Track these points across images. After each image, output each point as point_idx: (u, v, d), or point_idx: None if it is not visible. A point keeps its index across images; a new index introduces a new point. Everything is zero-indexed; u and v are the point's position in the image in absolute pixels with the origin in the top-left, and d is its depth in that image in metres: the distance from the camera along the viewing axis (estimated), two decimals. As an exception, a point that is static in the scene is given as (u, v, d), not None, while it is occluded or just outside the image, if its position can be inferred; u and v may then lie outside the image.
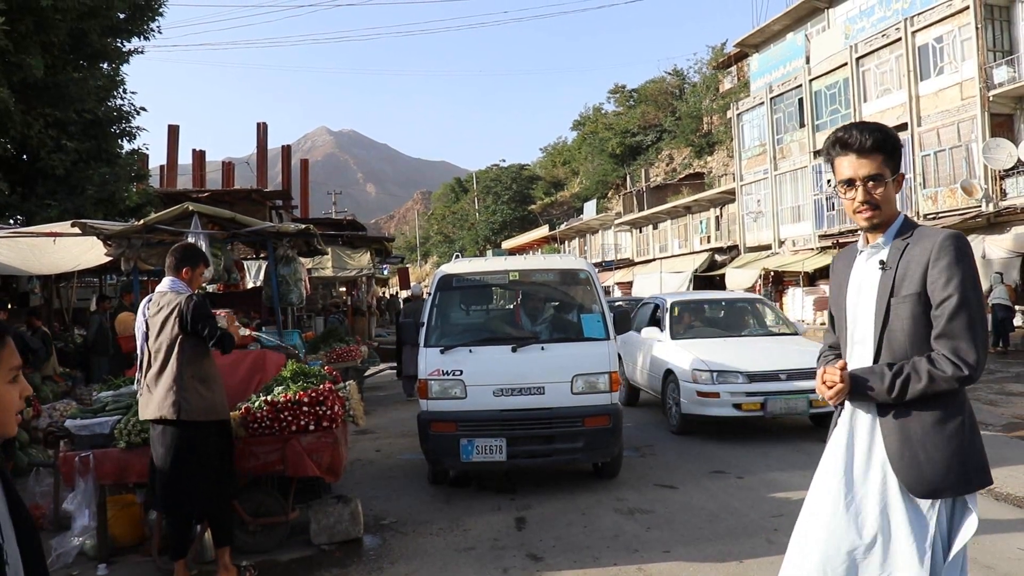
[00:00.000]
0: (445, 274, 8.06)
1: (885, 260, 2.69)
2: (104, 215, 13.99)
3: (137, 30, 16.49)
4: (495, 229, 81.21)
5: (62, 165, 14.06)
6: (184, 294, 5.19)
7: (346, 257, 21.24)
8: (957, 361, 2.49)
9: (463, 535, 6.26)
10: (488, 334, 7.93)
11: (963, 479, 2.57)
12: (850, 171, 2.69)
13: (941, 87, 26.20)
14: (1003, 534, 5.67)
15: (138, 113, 16.72)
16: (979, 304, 2.57)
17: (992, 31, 24.86)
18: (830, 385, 2.63)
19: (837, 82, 31.38)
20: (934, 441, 2.55)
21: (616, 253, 55.03)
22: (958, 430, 2.59)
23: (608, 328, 7.50)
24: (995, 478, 7.08)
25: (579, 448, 7.12)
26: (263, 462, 5.61)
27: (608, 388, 7.22)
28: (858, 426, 2.69)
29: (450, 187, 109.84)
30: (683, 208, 45.81)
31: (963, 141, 25.27)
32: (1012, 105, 24.58)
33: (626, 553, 5.66)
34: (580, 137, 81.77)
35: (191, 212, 7.64)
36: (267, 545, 5.90)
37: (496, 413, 7.09)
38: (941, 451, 2.55)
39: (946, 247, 2.58)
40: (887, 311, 2.63)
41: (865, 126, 2.71)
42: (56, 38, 13.66)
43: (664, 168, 63.93)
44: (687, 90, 65.91)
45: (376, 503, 7.23)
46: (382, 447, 9.92)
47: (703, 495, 7.12)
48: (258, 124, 31.53)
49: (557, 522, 6.48)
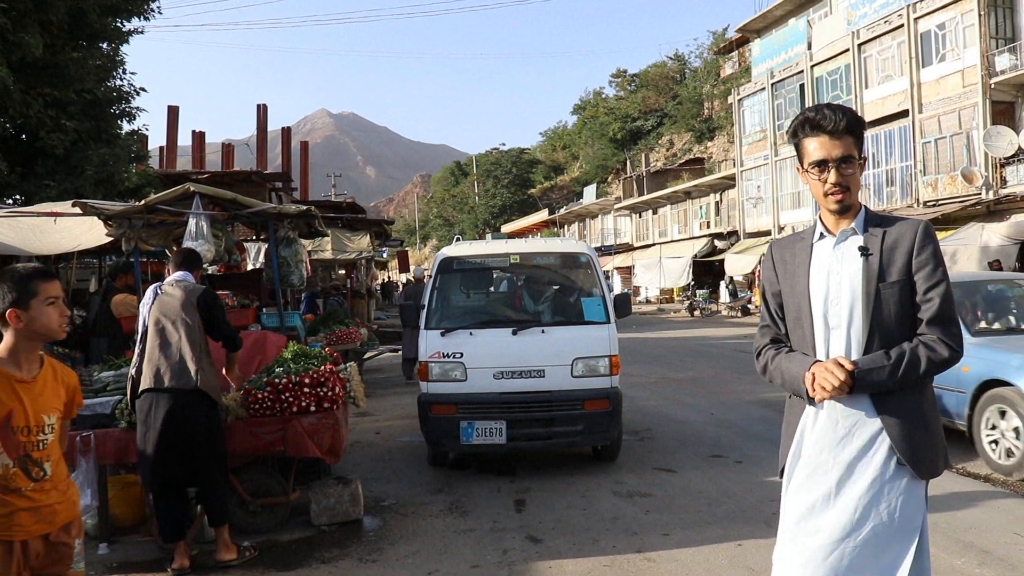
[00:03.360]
0: (446, 257, 8.06)
1: (865, 246, 2.67)
2: (103, 195, 13.96)
3: (137, 10, 16.39)
4: (495, 213, 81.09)
5: (61, 145, 14.01)
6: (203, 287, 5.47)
7: (345, 240, 21.19)
8: (952, 343, 2.57)
9: (463, 517, 6.29)
10: (488, 317, 7.94)
11: (944, 457, 2.70)
12: (822, 152, 2.65)
13: (943, 74, 26.13)
14: (1000, 519, 5.72)
15: (138, 94, 16.66)
16: (951, 289, 2.66)
17: (995, 18, 24.77)
18: (833, 382, 2.56)
19: (839, 68, 31.29)
20: (925, 423, 2.62)
21: (615, 238, 55.03)
22: (935, 412, 2.71)
23: (608, 311, 7.51)
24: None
25: (579, 431, 7.14)
26: (264, 442, 5.63)
27: (608, 371, 7.23)
28: (848, 416, 2.65)
29: (450, 170, 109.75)
30: (683, 193, 45.79)
31: (964, 128, 25.23)
32: (1013, 93, 24.52)
33: (625, 536, 5.69)
34: (580, 121, 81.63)
35: (192, 193, 7.61)
36: (267, 525, 5.93)
37: (496, 396, 7.11)
38: (930, 432, 2.63)
39: (928, 236, 2.64)
40: (877, 296, 2.63)
41: (836, 107, 2.69)
42: (55, 17, 13.59)
43: (664, 153, 63.84)
44: (688, 75, 65.74)
45: (376, 485, 7.26)
46: (382, 429, 9.95)
47: (702, 479, 7.15)
48: (258, 106, 31.37)
49: (556, 505, 6.50)
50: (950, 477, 6.73)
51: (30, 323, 2.85)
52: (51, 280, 2.94)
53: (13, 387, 2.82)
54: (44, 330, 2.90)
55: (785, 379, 2.78)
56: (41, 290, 2.88)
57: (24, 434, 2.84)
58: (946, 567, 4.80)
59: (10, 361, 2.85)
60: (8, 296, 2.83)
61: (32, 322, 2.85)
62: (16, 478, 2.81)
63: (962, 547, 5.15)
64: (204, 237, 7.52)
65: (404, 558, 5.42)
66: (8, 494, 2.79)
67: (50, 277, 2.96)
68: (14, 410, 2.81)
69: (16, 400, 2.82)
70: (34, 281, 2.88)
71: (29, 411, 2.84)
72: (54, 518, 2.92)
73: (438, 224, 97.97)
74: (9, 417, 2.80)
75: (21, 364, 2.88)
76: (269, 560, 5.43)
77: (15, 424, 2.82)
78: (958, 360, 2.62)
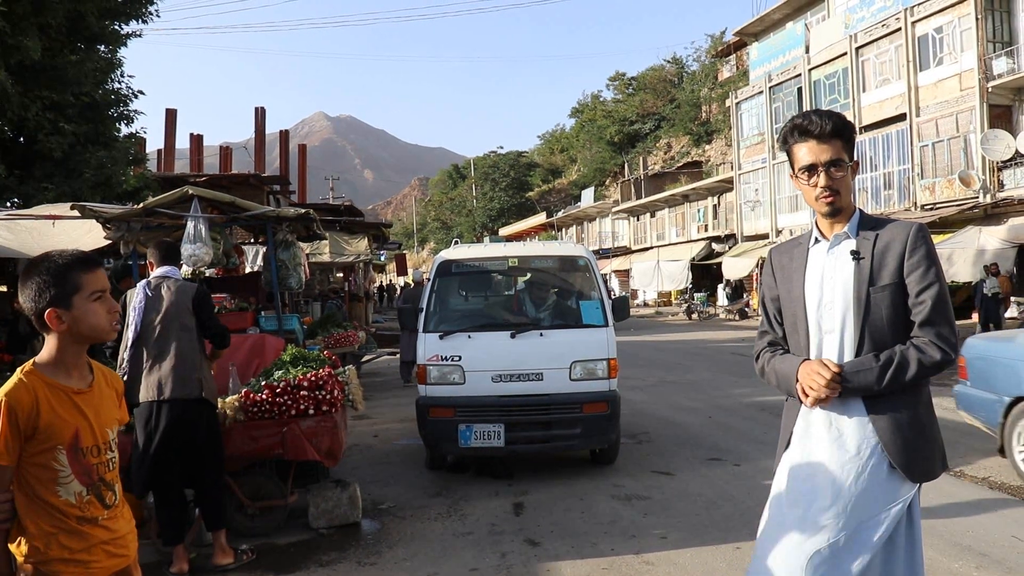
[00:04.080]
0: (444, 260, 8.06)
1: (856, 250, 2.69)
2: (101, 198, 13.95)
3: (135, 13, 16.37)
4: (492, 216, 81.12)
5: (59, 148, 14.00)
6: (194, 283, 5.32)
7: (343, 243, 21.24)
8: (944, 346, 2.58)
9: (461, 520, 6.29)
10: (487, 320, 7.95)
11: (941, 460, 2.70)
12: (811, 157, 2.69)
13: (940, 78, 26.17)
14: (997, 523, 5.72)
15: (136, 96, 16.65)
16: (948, 291, 2.67)
17: (992, 22, 24.82)
18: (820, 381, 2.60)
19: (836, 72, 31.34)
20: (919, 426, 2.63)
21: (613, 241, 55.04)
22: (931, 415, 2.72)
23: (607, 315, 7.51)
24: (990, 468, 7.13)
25: (577, 434, 7.14)
26: (263, 446, 5.62)
27: (606, 375, 7.24)
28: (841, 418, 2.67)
29: (447, 173, 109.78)
30: (681, 196, 45.80)
31: (961, 132, 25.28)
32: (1011, 96, 24.56)
33: (623, 539, 5.69)
34: (578, 124, 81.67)
35: (191, 196, 7.62)
36: (266, 528, 5.93)
37: (494, 399, 7.11)
38: (925, 435, 2.64)
39: (920, 238, 2.65)
40: (867, 300, 2.65)
41: (823, 113, 2.72)
42: (54, 20, 13.57)
43: (662, 156, 63.91)
44: (686, 78, 65.79)
45: (374, 488, 7.26)
46: (380, 432, 9.95)
47: (700, 482, 7.15)
48: (256, 109, 31.39)
49: (555, 507, 6.50)
50: (948, 480, 6.74)
51: (74, 324, 2.35)
52: (95, 270, 2.41)
53: (73, 401, 2.37)
54: (91, 331, 2.39)
55: (779, 380, 2.82)
56: (85, 283, 2.36)
57: (94, 454, 2.39)
58: (943, 570, 4.81)
59: (59, 370, 2.38)
60: (46, 293, 2.32)
61: (77, 323, 2.35)
62: (91, 506, 2.38)
63: (960, 550, 5.15)
64: (202, 240, 7.53)
65: (402, 561, 5.42)
66: (84, 525, 2.36)
67: (94, 266, 2.43)
68: (80, 428, 2.36)
69: (80, 416, 2.37)
70: (75, 273, 2.36)
71: (95, 427, 2.41)
72: (128, 550, 2.51)
73: (436, 227, 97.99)
74: (76, 438, 2.35)
75: (71, 372, 2.40)
76: (267, 563, 5.42)
77: (84, 445, 2.36)
78: (952, 362, 2.62)
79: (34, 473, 2.31)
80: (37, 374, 2.35)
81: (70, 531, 2.33)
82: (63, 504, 2.33)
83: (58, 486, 2.33)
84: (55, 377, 2.36)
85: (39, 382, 2.33)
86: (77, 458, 2.34)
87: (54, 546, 2.31)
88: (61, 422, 2.32)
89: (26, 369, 2.35)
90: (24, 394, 2.29)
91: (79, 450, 2.35)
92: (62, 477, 2.33)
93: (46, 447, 2.31)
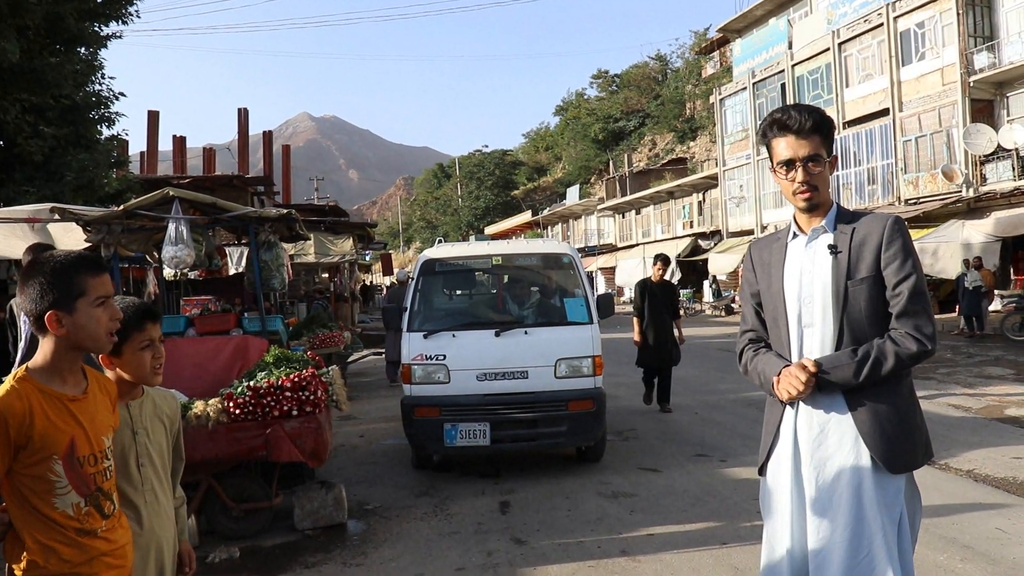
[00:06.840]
0: (428, 258, 8.03)
1: (834, 244, 2.70)
2: (84, 201, 13.82)
3: (115, 14, 16.22)
4: (478, 215, 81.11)
5: (40, 151, 13.88)
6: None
7: (328, 243, 21.16)
8: (920, 337, 2.58)
9: (447, 519, 6.27)
10: (471, 318, 7.93)
11: (924, 451, 2.71)
12: (789, 152, 2.70)
13: (922, 72, 26.34)
14: (982, 515, 5.74)
15: (117, 99, 16.49)
16: (925, 283, 2.68)
17: (973, 17, 24.98)
18: (797, 387, 2.61)
19: (819, 67, 31.48)
20: (900, 417, 2.64)
21: (599, 238, 55.13)
22: (913, 405, 2.72)
23: (591, 312, 7.51)
24: (974, 460, 7.17)
25: (563, 432, 7.13)
26: (246, 447, 5.58)
27: (591, 372, 7.23)
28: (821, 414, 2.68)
29: (432, 173, 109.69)
30: (666, 193, 45.92)
31: (944, 127, 25.44)
32: (992, 91, 24.73)
33: (610, 536, 5.68)
34: (563, 122, 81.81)
35: (172, 197, 7.57)
36: (251, 530, 5.88)
37: (480, 398, 7.09)
38: (906, 426, 2.64)
39: (896, 230, 2.66)
40: (845, 294, 2.66)
41: (802, 108, 2.72)
42: (32, 22, 13.45)
43: (647, 153, 64.06)
44: (670, 75, 65.97)
45: (360, 488, 7.23)
46: (366, 432, 9.92)
47: (686, 478, 7.16)
48: (239, 110, 31.30)
49: (541, 506, 6.49)
50: (932, 472, 6.76)
51: (74, 330, 2.20)
52: (101, 273, 2.27)
53: (68, 408, 2.24)
54: (89, 340, 2.24)
55: (761, 380, 2.83)
56: (90, 287, 2.21)
57: (91, 464, 2.27)
58: (929, 563, 4.82)
59: (53, 376, 2.24)
60: (47, 295, 2.18)
61: (77, 329, 2.20)
62: (89, 518, 2.27)
63: (945, 543, 5.17)
64: (184, 242, 7.48)
65: (388, 561, 5.39)
66: (83, 537, 2.26)
67: (99, 269, 2.28)
68: (76, 437, 2.24)
69: (75, 424, 2.25)
70: (80, 275, 2.21)
71: (90, 435, 2.28)
72: (127, 560, 2.41)
73: (421, 227, 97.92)
74: (72, 447, 2.22)
75: (66, 379, 2.27)
76: (252, 565, 5.39)
77: (80, 455, 2.24)
78: (929, 354, 2.62)
79: (29, 485, 2.20)
80: (30, 380, 2.21)
81: (69, 543, 2.24)
82: (60, 516, 2.23)
83: (55, 497, 2.22)
84: (49, 384, 2.23)
85: (32, 389, 2.20)
86: (74, 468, 2.23)
87: (53, 560, 2.22)
88: (56, 431, 2.19)
89: (18, 375, 2.22)
90: (16, 401, 2.15)
91: (76, 460, 2.23)
92: (59, 488, 2.22)
93: (41, 457, 2.19)
